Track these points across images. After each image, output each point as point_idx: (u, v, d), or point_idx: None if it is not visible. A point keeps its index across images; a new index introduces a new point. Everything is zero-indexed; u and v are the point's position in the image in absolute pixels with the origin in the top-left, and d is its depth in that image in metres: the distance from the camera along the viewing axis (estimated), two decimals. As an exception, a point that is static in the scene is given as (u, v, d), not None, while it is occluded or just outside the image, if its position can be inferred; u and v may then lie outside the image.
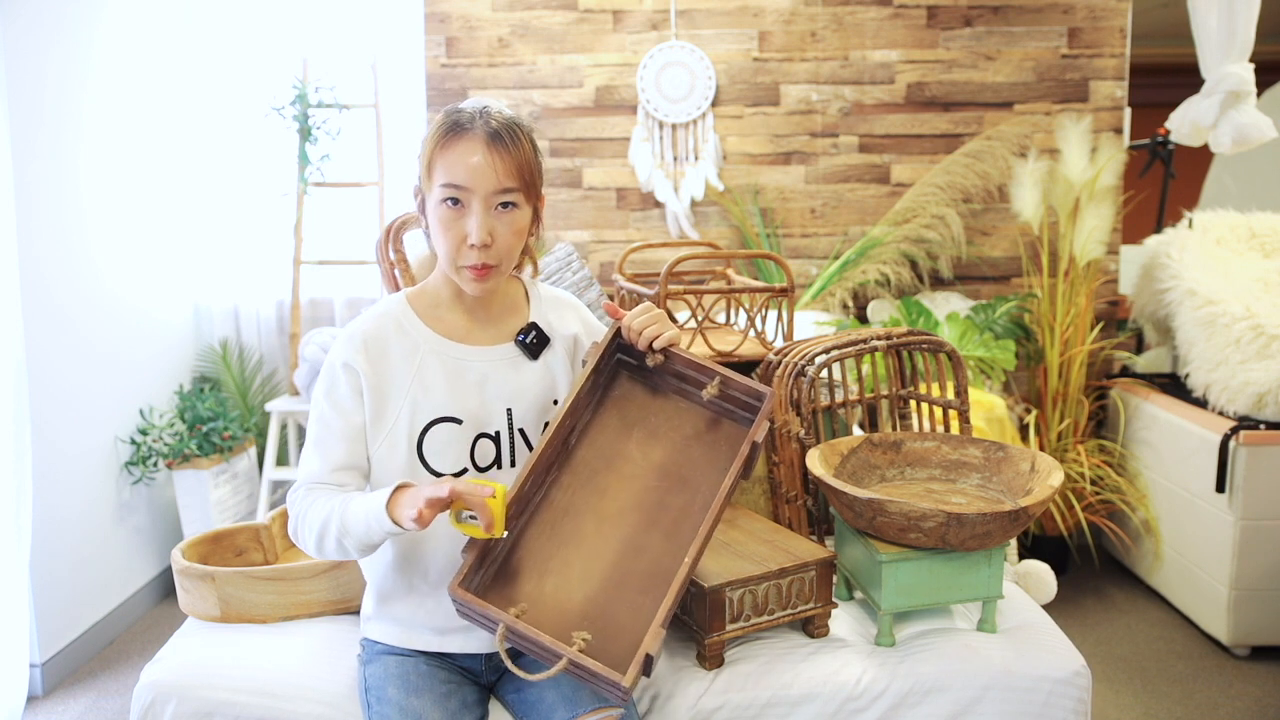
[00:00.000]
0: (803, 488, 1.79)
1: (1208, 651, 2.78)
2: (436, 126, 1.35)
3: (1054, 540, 3.29)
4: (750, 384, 1.37)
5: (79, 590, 2.73)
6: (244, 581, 1.58)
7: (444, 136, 1.34)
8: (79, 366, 2.77)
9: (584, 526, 1.35)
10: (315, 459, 1.36)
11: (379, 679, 1.37)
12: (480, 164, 1.32)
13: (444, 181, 1.33)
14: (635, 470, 1.39)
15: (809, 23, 3.47)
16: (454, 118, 1.35)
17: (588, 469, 1.39)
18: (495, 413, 1.39)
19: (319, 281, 3.56)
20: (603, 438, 1.41)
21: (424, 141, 1.37)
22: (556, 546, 1.33)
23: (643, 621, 1.26)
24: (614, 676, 1.16)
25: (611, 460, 1.40)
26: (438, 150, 1.34)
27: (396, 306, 1.42)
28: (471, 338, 1.42)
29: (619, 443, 1.41)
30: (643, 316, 1.39)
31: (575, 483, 1.38)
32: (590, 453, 1.40)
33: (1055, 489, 1.50)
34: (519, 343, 1.43)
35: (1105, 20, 3.46)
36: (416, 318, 1.41)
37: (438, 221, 1.35)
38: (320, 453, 1.35)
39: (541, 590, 1.29)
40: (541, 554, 1.32)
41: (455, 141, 1.33)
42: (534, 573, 1.30)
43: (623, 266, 2.40)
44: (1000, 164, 3.45)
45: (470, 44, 3.48)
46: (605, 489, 1.37)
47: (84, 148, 2.81)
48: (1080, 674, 1.48)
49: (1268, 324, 2.81)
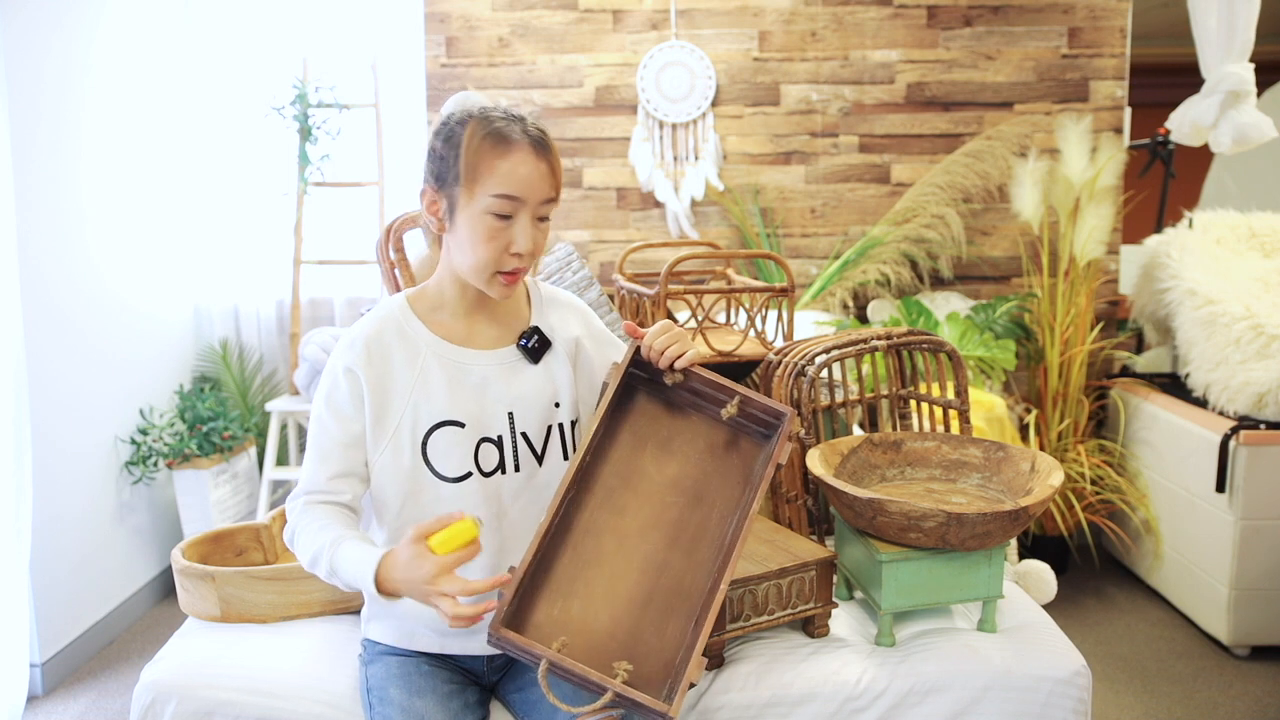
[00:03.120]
0: (803, 487, 1.79)
1: (1208, 651, 2.78)
2: (476, 134, 1.31)
3: (1054, 540, 3.29)
4: (770, 404, 1.35)
5: (79, 590, 2.73)
6: (244, 581, 1.58)
7: (492, 145, 1.30)
8: (79, 366, 2.77)
9: (605, 545, 1.32)
10: (313, 466, 1.36)
11: (381, 679, 1.37)
12: (532, 175, 1.31)
13: (497, 192, 1.30)
14: (652, 487, 1.37)
15: (809, 22, 3.47)
16: (495, 125, 1.31)
17: (604, 487, 1.37)
18: (497, 416, 1.38)
19: (319, 281, 3.56)
20: (618, 454, 1.39)
21: (457, 147, 1.31)
22: (579, 568, 1.30)
23: (670, 642, 1.25)
24: (660, 707, 1.15)
25: (628, 478, 1.38)
26: (483, 159, 1.30)
27: (397, 309, 1.40)
28: (473, 341, 1.40)
29: (634, 459, 1.39)
30: (663, 336, 1.36)
31: (593, 501, 1.36)
32: (606, 470, 1.38)
33: (1055, 489, 1.50)
34: (520, 347, 1.41)
35: (1105, 20, 3.46)
36: (418, 320, 1.40)
37: (480, 230, 1.32)
38: (318, 460, 1.35)
39: (568, 614, 1.27)
40: (565, 575, 1.30)
41: (506, 151, 1.30)
42: (558, 595, 1.28)
43: (623, 266, 2.40)
44: (1000, 164, 3.45)
45: (470, 44, 3.48)
46: (624, 507, 1.35)
47: (84, 148, 2.81)
48: (1080, 674, 1.48)
49: (1268, 324, 2.81)
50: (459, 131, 1.32)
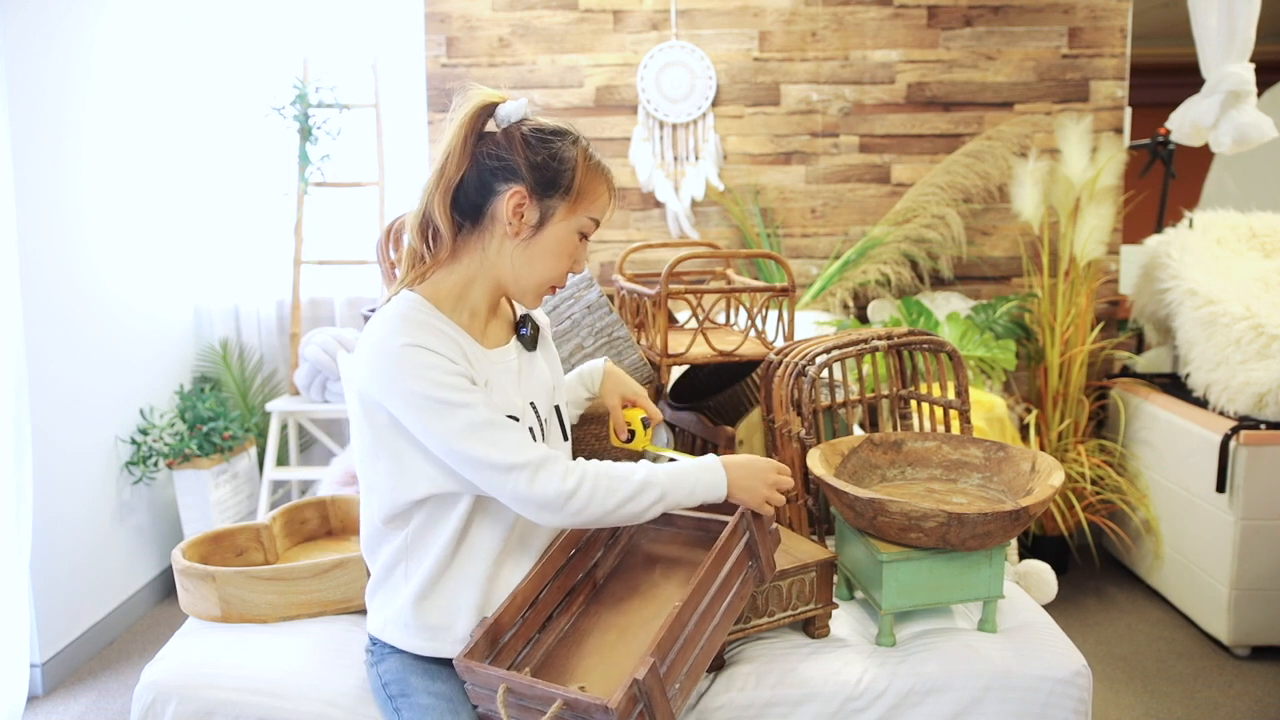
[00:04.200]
0: (803, 487, 1.79)
1: (1208, 651, 2.78)
2: (584, 155, 1.35)
3: (1054, 540, 3.29)
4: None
5: (79, 590, 2.73)
6: (244, 581, 1.58)
7: (598, 172, 1.37)
8: (79, 366, 2.77)
9: (607, 638, 1.37)
10: (515, 436, 1.27)
11: (397, 672, 1.36)
12: (610, 205, 1.41)
13: (594, 215, 1.37)
14: (659, 593, 1.44)
15: (809, 23, 3.47)
16: (592, 151, 1.38)
17: (613, 598, 1.45)
18: (526, 408, 1.39)
19: (319, 281, 3.56)
20: (630, 573, 1.49)
21: (567, 162, 1.33)
22: (580, 659, 1.34)
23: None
24: (600, 700, 1.15)
25: (637, 588, 1.46)
26: (593, 182, 1.36)
27: (427, 314, 1.32)
28: (489, 339, 1.40)
29: (646, 573, 1.48)
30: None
31: (601, 609, 1.43)
32: (618, 585, 1.47)
33: (1056, 489, 1.50)
34: (521, 336, 1.44)
35: (1105, 20, 3.46)
36: (451, 320, 1.35)
37: (565, 246, 1.36)
38: (512, 429, 1.28)
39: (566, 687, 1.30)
40: (565, 668, 1.33)
41: (606, 179, 1.38)
42: (557, 681, 1.31)
43: (623, 266, 2.40)
44: (1000, 164, 3.45)
45: (470, 44, 3.48)
46: (628, 609, 1.42)
47: (84, 148, 2.81)
48: (1081, 674, 1.48)
49: (1268, 324, 2.81)
50: (566, 149, 1.35)
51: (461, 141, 1.32)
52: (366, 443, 1.34)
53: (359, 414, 1.33)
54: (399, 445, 1.31)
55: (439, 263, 1.36)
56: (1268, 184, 4.61)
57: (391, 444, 1.31)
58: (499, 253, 1.35)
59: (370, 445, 1.33)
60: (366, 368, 1.29)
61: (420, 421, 1.26)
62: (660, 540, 1.54)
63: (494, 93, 1.35)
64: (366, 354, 1.29)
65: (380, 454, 1.32)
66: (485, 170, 1.33)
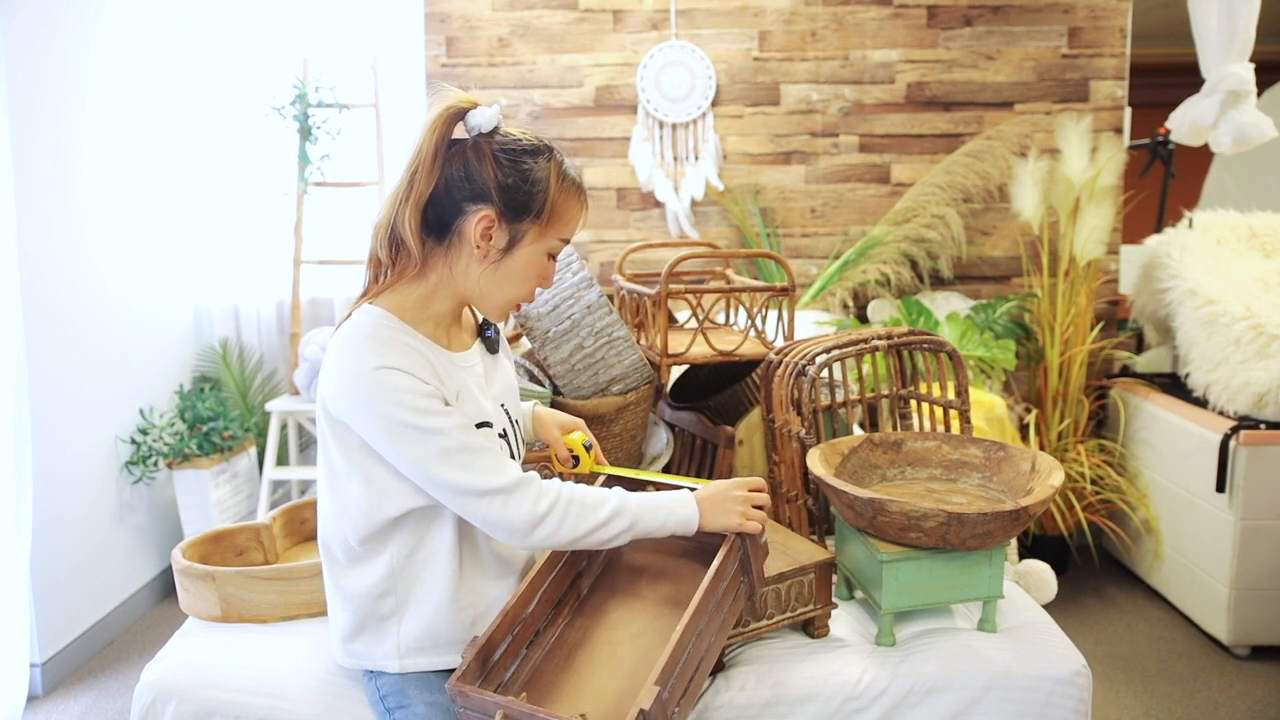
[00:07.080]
0: (803, 487, 1.79)
1: (1208, 651, 2.78)
2: (556, 175, 1.31)
3: (1054, 540, 3.29)
4: None
5: (79, 590, 2.73)
6: (244, 581, 1.58)
7: (573, 192, 1.34)
8: (79, 366, 2.77)
9: (597, 654, 1.36)
10: (491, 460, 1.26)
11: (395, 684, 1.34)
12: (583, 219, 1.38)
13: (564, 236, 1.35)
14: (644, 605, 1.44)
15: (809, 22, 3.47)
16: (566, 169, 1.34)
17: (599, 610, 1.44)
18: (497, 412, 1.39)
19: (319, 281, 3.56)
20: (614, 583, 1.49)
21: (538, 184, 1.30)
22: (570, 675, 1.33)
23: None
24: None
25: (622, 599, 1.45)
26: (566, 204, 1.33)
27: (393, 329, 1.29)
28: (454, 346, 1.38)
29: (630, 584, 1.48)
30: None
31: (587, 622, 1.42)
32: (603, 596, 1.46)
33: (1056, 489, 1.50)
34: (486, 338, 1.43)
35: (1105, 20, 3.46)
36: (415, 330, 1.32)
37: (535, 268, 1.33)
38: (493, 452, 1.28)
39: (556, 709, 1.29)
40: (553, 685, 1.32)
41: (579, 199, 1.35)
42: (544, 702, 1.30)
43: (623, 266, 2.40)
44: (1000, 164, 3.45)
45: (470, 44, 3.48)
46: (615, 623, 1.41)
47: (84, 148, 2.81)
48: (1081, 674, 1.48)
49: (1268, 324, 2.81)
50: (538, 169, 1.30)
51: (432, 153, 1.28)
52: (336, 464, 1.31)
53: (328, 434, 1.30)
54: (370, 465, 1.28)
55: (404, 276, 1.33)
56: (1268, 184, 4.61)
57: (363, 464, 1.29)
58: (465, 272, 1.32)
59: (340, 466, 1.30)
60: (337, 390, 1.25)
61: (393, 446, 1.24)
62: (643, 549, 1.53)
63: (466, 97, 1.29)
64: (337, 377, 1.26)
65: (353, 475, 1.29)
66: (454, 188, 1.29)
